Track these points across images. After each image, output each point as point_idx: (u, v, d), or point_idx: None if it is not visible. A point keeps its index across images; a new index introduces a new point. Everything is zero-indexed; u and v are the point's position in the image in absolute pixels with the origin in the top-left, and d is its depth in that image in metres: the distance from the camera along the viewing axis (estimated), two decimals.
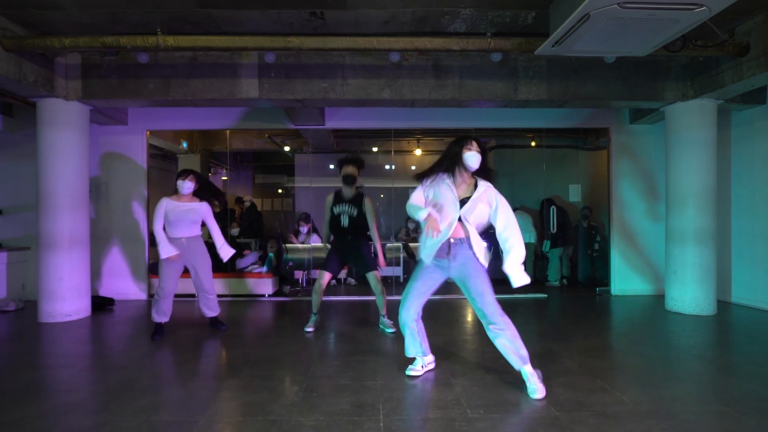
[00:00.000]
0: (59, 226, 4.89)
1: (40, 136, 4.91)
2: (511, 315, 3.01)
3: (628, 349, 3.89)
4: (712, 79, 4.86)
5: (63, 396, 2.87)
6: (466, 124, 6.39)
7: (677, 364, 3.52)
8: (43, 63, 4.64)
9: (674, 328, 4.61)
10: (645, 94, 5.20)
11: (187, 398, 2.81)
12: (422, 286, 3.04)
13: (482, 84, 5.03)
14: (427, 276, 3.03)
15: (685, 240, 5.24)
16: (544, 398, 2.78)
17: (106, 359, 3.64)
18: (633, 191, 6.36)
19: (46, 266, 4.88)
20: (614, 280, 6.38)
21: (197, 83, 4.94)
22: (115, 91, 4.95)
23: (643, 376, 3.19)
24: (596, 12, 3.19)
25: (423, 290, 3.05)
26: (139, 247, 6.16)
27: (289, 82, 4.94)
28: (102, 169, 6.14)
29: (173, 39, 4.11)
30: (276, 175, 10.55)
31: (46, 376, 3.27)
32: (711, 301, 5.16)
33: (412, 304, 3.06)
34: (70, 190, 4.95)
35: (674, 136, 5.36)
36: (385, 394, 2.85)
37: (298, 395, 2.82)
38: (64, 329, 4.59)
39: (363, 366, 3.38)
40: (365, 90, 4.97)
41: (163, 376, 3.24)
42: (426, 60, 4.98)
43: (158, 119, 6.21)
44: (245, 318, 5.06)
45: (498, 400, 2.76)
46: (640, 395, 2.84)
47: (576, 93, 5.11)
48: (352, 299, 6.12)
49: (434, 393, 2.88)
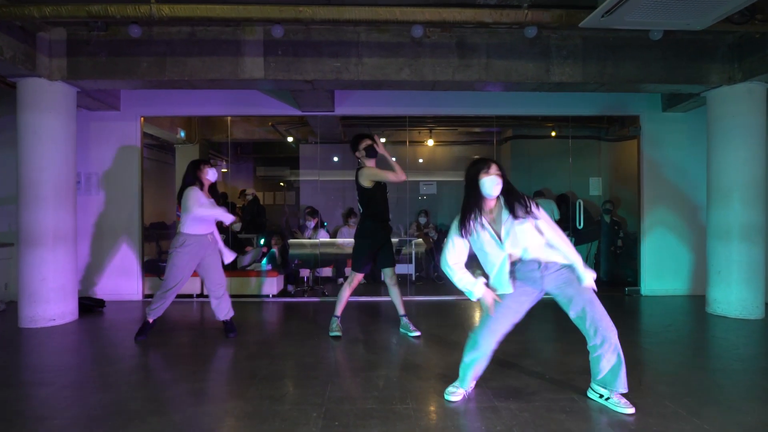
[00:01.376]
0: (42, 221, 4.40)
1: (20, 121, 4.41)
2: (536, 319, 2.55)
3: (684, 360, 3.45)
4: (765, 61, 4.39)
5: (36, 423, 2.39)
6: (486, 111, 5.91)
7: (747, 378, 3.07)
8: (23, 38, 4.14)
9: (724, 334, 4.16)
10: (688, 77, 4.72)
11: (184, 427, 2.34)
12: (513, 303, 2.59)
13: (511, 64, 4.54)
14: (517, 294, 2.59)
15: (730, 236, 4.78)
16: (611, 425, 2.32)
17: (90, 374, 3.16)
18: (666, 184, 5.89)
19: (28, 265, 4.39)
20: (644, 279, 5.93)
21: (196, 62, 4.44)
22: (104, 71, 4.45)
23: (716, 397, 2.73)
24: None
25: (514, 309, 2.61)
26: (132, 244, 5.67)
27: (297, 61, 4.45)
28: (92, 159, 5.64)
29: (169, 8, 3.61)
30: (278, 167, 10.04)
31: (23, 395, 2.80)
32: (759, 304, 4.71)
33: (500, 331, 2.62)
34: (54, 181, 4.46)
35: (718, 123, 4.89)
36: (421, 423, 2.39)
37: (316, 425, 2.35)
38: (46, 336, 4.11)
39: (389, 384, 2.92)
40: (382, 70, 4.48)
41: (158, 397, 2.77)
42: (450, 37, 4.48)
43: (153, 104, 5.71)
44: (250, 322, 4.59)
45: (557, 429, 2.30)
46: (725, 423, 2.37)
47: (613, 75, 4.63)
48: (362, 300, 5.66)
49: (480, 421, 2.41)
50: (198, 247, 3.81)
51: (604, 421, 2.40)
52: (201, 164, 3.89)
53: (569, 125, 6.66)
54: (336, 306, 4.06)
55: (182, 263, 3.77)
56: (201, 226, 3.82)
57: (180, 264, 3.76)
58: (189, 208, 3.68)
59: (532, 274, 2.54)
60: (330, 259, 6.95)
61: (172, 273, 3.77)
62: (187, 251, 3.75)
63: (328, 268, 6.94)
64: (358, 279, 4.01)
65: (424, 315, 4.83)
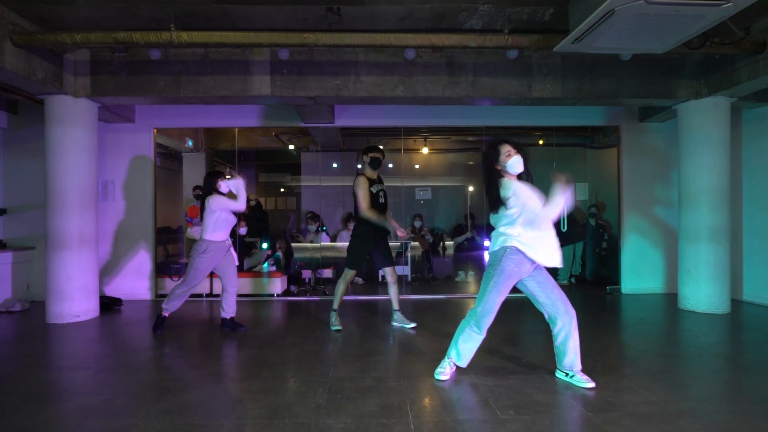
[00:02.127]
0: (68, 225, 4.82)
1: (48, 134, 4.83)
2: (523, 314, 2.97)
3: (647, 348, 3.86)
4: (727, 77, 4.84)
5: (81, 398, 2.80)
6: (476, 122, 6.36)
7: (700, 362, 3.50)
8: (51, 59, 4.57)
9: (690, 327, 4.58)
10: (659, 92, 5.18)
11: (209, 401, 2.75)
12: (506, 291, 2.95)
13: (496, 81, 4.98)
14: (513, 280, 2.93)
15: (698, 238, 5.21)
16: (574, 398, 2.74)
17: (121, 360, 3.58)
18: (643, 189, 6.34)
19: (55, 266, 4.80)
20: (625, 279, 6.36)
21: (208, 80, 4.88)
22: (124, 88, 4.88)
23: (668, 376, 3.15)
24: (622, 8, 3.15)
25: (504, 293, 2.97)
26: (146, 247, 6.08)
27: (301, 79, 4.88)
28: (108, 168, 6.06)
29: (187, 35, 4.04)
30: (280, 173, 10.47)
31: (61, 378, 3.21)
32: (725, 299, 5.14)
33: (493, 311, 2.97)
34: (79, 189, 4.88)
35: (687, 134, 5.34)
36: (411, 395, 2.81)
37: (322, 397, 2.77)
38: (73, 330, 4.52)
39: (384, 366, 3.34)
40: (379, 87, 4.91)
41: (183, 377, 3.19)
42: (440, 57, 4.93)
43: (166, 117, 6.14)
44: (257, 318, 5.00)
45: (526, 401, 2.72)
46: (669, 395, 2.80)
47: (590, 91, 5.07)
48: (360, 299, 6.07)
49: (461, 394, 2.83)
50: (217, 252, 4.23)
51: (568, 394, 2.82)
52: (215, 177, 4.33)
53: (555, 134, 7.10)
54: (333, 301, 4.45)
55: (203, 267, 4.19)
56: (221, 233, 4.24)
57: (201, 268, 4.19)
58: (220, 208, 4.16)
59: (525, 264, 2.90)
60: (330, 261, 7.36)
61: (193, 275, 4.19)
62: (209, 257, 4.18)
63: (328, 269, 7.35)
64: (352, 275, 4.40)
65: (419, 311, 5.24)
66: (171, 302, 4.26)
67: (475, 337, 3.02)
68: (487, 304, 2.92)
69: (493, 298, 2.91)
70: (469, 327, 3.01)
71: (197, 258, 4.17)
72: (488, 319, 2.95)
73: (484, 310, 2.93)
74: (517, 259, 2.85)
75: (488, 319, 2.95)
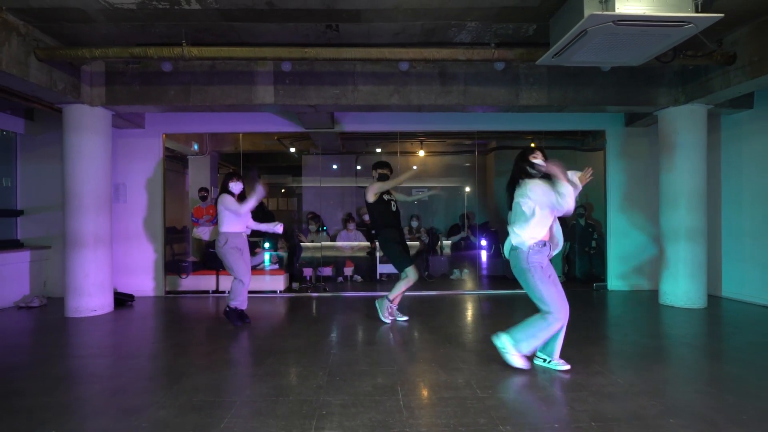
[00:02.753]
0: (85, 226, 5.16)
1: (66, 140, 5.17)
2: (512, 310, 3.28)
3: (622, 339, 4.19)
4: (702, 86, 5.16)
5: (106, 381, 3.14)
6: (469, 127, 6.68)
7: (668, 351, 3.82)
8: (70, 71, 4.90)
9: (666, 320, 4.91)
10: (639, 100, 5.50)
11: (221, 382, 3.08)
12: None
13: (486, 90, 5.31)
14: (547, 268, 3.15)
15: (677, 238, 5.53)
16: (548, 380, 3.07)
17: (137, 349, 3.92)
18: (628, 191, 6.66)
19: (73, 264, 5.14)
20: (611, 277, 6.68)
21: (215, 90, 5.21)
22: (137, 98, 5.22)
23: (636, 362, 3.48)
24: (593, 28, 3.48)
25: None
26: (155, 246, 6.42)
27: (302, 89, 5.21)
28: (120, 171, 6.40)
29: (197, 50, 4.38)
30: (281, 175, 10.80)
31: (87, 364, 3.54)
32: (702, 295, 5.46)
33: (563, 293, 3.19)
34: (94, 192, 5.22)
35: (666, 139, 5.66)
36: (402, 377, 3.14)
37: (323, 379, 3.10)
38: (91, 323, 4.86)
39: (379, 354, 3.67)
40: (375, 96, 5.24)
41: (195, 363, 3.52)
42: (432, 68, 5.26)
43: (174, 123, 6.47)
44: (262, 313, 5.33)
45: (504, 382, 3.05)
46: (634, 378, 3.13)
47: (574, 99, 5.39)
48: (357, 295, 6.40)
49: (446, 376, 3.16)
50: (237, 241, 4.62)
51: (544, 377, 3.15)
52: (228, 177, 4.71)
53: (545, 137, 7.42)
54: (391, 292, 4.70)
55: (233, 257, 4.58)
56: (236, 225, 4.62)
57: (232, 258, 4.57)
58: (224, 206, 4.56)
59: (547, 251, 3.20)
60: (330, 260, 7.70)
61: (234, 268, 4.59)
62: (231, 246, 4.56)
63: (328, 267, 7.68)
64: (413, 271, 4.57)
65: (414, 307, 5.57)
66: (236, 299, 4.62)
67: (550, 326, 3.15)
68: (551, 302, 3.10)
69: (550, 293, 3.11)
70: (543, 319, 3.17)
71: (222, 251, 4.56)
72: (563, 311, 3.12)
73: (553, 308, 3.11)
74: (537, 249, 3.12)
75: (564, 312, 3.13)
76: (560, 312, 3.13)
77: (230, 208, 4.55)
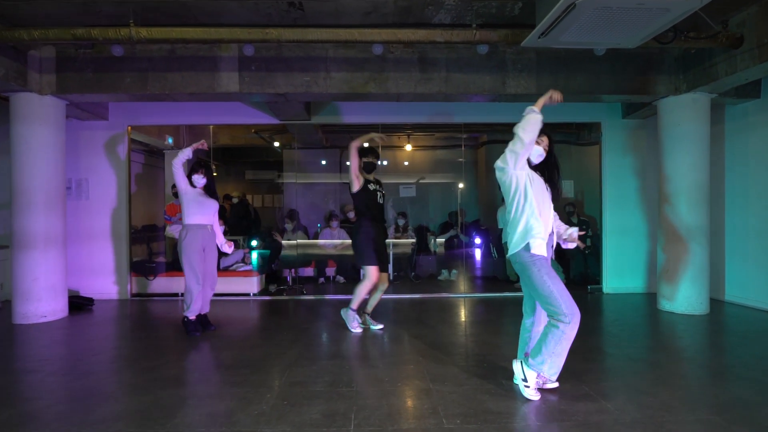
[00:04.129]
0: (34, 225, 4.74)
1: (13, 132, 4.75)
2: (502, 314, 2.87)
3: (616, 351, 3.77)
4: (706, 72, 4.72)
5: (23, 404, 2.73)
6: (455, 119, 6.25)
7: (667, 368, 3.40)
8: (15, 56, 4.48)
9: (665, 329, 4.50)
10: (636, 88, 5.06)
11: (150, 407, 2.67)
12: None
13: (469, 77, 4.88)
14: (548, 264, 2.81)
15: (677, 237, 5.11)
16: (526, 406, 2.66)
17: (74, 363, 3.51)
18: (625, 187, 6.24)
19: (21, 266, 4.73)
20: (606, 278, 6.27)
21: (176, 77, 4.78)
22: (90, 85, 4.79)
23: (630, 382, 3.07)
24: (582, 1, 3.05)
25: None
26: (120, 246, 6.01)
27: (269, 76, 4.78)
28: (82, 166, 5.98)
29: (146, 30, 3.95)
30: (266, 170, 10.39)
31: (12, 381, 3.14)
32: (703, 300, 5.04)
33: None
34: (45, 188, 4.80)
35: (666, 131, 5.23)
36: (359, 402, 2.73)
37: (267, 403, 2.69)
38: (38, 331, 4.45)
39: (340, 371, 3.26)
40: (349, 83, 4.82)
41: (131, 382, 3.11)
42: (411, 53, 4.82)
43: (140, 114, 6.05)
44: (228, 318, 4.92)
45: (477, 409, 2.63)
46: (626, 403, 2.72)
47: (566, 87, 4.96)
48: (339, 298, 5.99)
49: (411, 400, 2.76)
50: (197, 235, 4.17)
51: (520, 401, 2.74)
52: (193, 171, 4.31)
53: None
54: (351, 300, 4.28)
55: (190, 256, 4.13)
56: (199, 217, 4.21)
57: (188, 256, 4.13)
58: (180, 180, 4.19)
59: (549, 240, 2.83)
60: (310, 259, 7.29)
61: (186, 269, 4.15)
62: (189, 241, 4.13)
63: (309, 267, 7.27)
64: (372, 272, 4.14)
65: (395, 312, 5.16)
66: (191, 307, 4.20)
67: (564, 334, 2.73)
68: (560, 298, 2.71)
69: (558, 288, 2.72)
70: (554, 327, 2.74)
71: (181, 247, 4.15)
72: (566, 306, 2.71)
73: (555, 305, 2.70)
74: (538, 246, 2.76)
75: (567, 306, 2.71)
76: (570, 309, 2.68)
77: (180, 185, 4.17)
